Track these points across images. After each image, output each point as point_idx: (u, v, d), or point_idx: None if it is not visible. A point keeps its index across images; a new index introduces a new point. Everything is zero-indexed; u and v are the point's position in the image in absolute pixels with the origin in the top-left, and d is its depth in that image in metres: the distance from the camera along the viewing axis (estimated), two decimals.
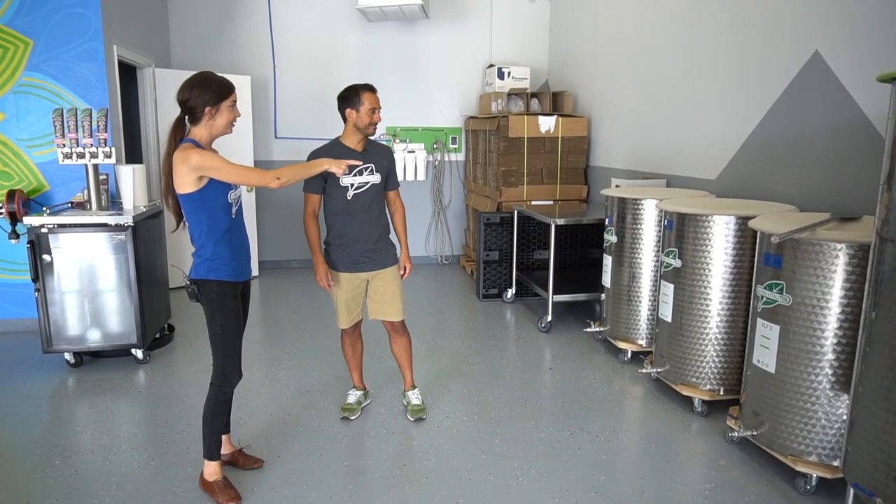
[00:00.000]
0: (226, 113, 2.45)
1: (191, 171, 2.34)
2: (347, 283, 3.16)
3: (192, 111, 2.41)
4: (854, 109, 3.15)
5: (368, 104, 3.04)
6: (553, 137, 5.93)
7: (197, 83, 2.41)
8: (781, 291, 2.68)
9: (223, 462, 2.74)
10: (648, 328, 4.10)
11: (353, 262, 3.13)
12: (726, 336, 3.30)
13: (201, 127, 2.44)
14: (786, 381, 2.70)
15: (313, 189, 3.07)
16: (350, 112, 3.05)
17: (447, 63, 7.00)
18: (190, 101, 2.40)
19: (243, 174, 2.40)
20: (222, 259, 2.46)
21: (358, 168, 3.02)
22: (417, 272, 6.93)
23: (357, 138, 3.10)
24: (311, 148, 3.16)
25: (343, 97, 3.07)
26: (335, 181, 3.03)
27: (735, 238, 3.21)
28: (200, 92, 2.39)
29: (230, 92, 2.46)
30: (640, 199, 4.00)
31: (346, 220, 3.09)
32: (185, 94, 2.40)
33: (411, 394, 3.44)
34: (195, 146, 2.38)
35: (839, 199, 3.26)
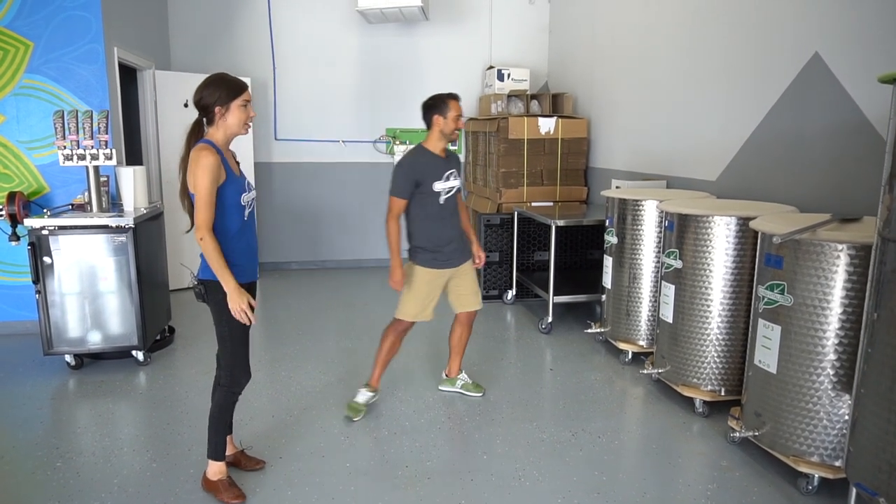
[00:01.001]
0: (236, 112, 2.45)
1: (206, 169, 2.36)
2: (433, 280, 3.34)
3: (205, 111, 2.44)
4: (854, 110, 3.16)
5: (454, 111, 3.23)
6: (553, 139, 5.93)
7: (209, 83, 2.44)
8: (783, 292, 2.68)
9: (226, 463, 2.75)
10: (649, 329, 4.11)
11: (445, 259, 3.33)
12: (727, 337, 3.31)
13: (216, 127, 2.46)
14: (787, 381, 2.70)
15: (402, 194, 3.22)
16: (437, 119, 3.23)
17: (447, 65, 7.01)
18: (202, 101, 2.43)
19: (200, 209, 2.36)
20: (231, 260, 2.45)
21: (446, 174, 3.27)
22: None
23: (441, 145, 3.29)
24: (310, 150, 3.20)
25: (430, 105, 3.26)
26: (429, 187, 3.21)
27: (736, 239, 3.22)
28: (211, 91, 2.41)
29: (241, 91, 2.46)
30: (641, 200, 4.00)
31: (439, 224, 3.28)
32: (198, 94, 2.44)
33: (463, 375, 3.71)
34: (210, 147, 2.39)
35: (840, 200, 3.27)
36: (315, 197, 7.00)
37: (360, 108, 6.93)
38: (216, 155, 2.37)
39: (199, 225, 2.35)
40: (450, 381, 3.73)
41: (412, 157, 3.28)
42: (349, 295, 6.01)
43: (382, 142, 7.03)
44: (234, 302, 2.41)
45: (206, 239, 2.35)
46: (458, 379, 3.71)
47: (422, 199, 3.23)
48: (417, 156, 3.28)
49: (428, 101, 3.29)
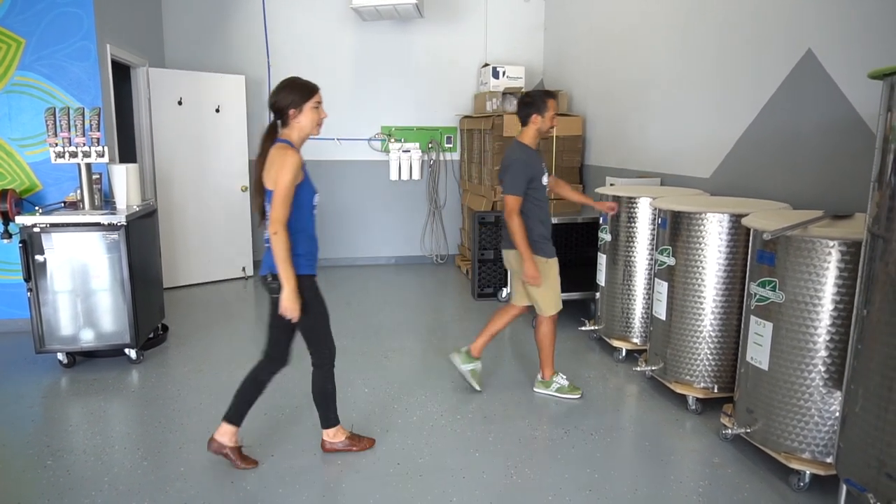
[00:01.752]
0: (309, 113, 2.57)
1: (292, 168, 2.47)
2: (555, 266, 3.47)
3: (280, 113, 2.57)
4: (846, 107, 3.16)
5: (552, 110, 3.34)
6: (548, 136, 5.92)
7: (283, 87, 2.56)
8: (774, 289, 2.68)
9: (224, 454, 2.83)
10: (643, 326, 4.11)
11: (552, 248, 3.47)
12: (720, 334, 3.31)
13: (290, 128, 2.59)
14: (779, 378, 2.71)
15: (520, 192, 3.31)
16: (536, 117, 3.33)
17: (442, 62, 7.00)
18: (277, 104, 2.55)
19: (277, 205, 2.47)
20: (308, 254, 2.63)
21: (543, 168, 3.41)
22: (412, 271, 6.93)
23: (535, 141, 3.40)
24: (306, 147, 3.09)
25: (529, 102, 3.34)
26: (539, 182, 3.34)
27: (728, 236, 3.22)
28: (285, 94, 2.54)
29: (312, 94, 2.58)
30: (635, 198, 4.00)
31: (546, 215, 3.45)
32: (273, 97, 2.57)
33: (559, 377, 3.68)
34: (293, 147, 2.54)
35: (832, 197, 3.27)
36: None
37: (355, 105, 6.92)
38: (299, 155, 2.52)
39: (275, 219, 2.47)
40: (545, 384, 3.69)
41: (522, 155, 3.35)
42: (344, 293, 6.00)
43: (378, 140, 7.02)
44: (287, 298, 2.53)
45: (279, 234, 2.46)
46: (552, 381, 3.67)
47: (533, 193, 3.35)
48: (525, 152, 3.37)
49: (526, 99, 3.37)
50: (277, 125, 2.61)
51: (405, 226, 7.27)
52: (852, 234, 2.47)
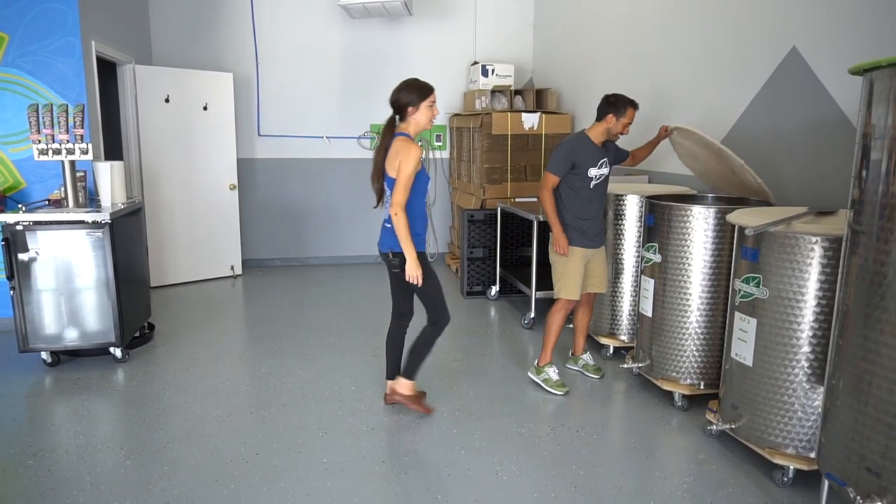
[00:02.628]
0: (425, 111, 2.98)
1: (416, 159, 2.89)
2: (581, 257, 3.59)
3: (400, 110, 2.97)
4: (830, 104, 3.18)
5: (629, 119, 3.49)
6: (537, 134, 5.93)
7: (403, 87, 2.97)
8: (758, 285, 2.69)
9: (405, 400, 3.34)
10: (631, 324, 4.11)
11: (588, 238, 3.58)
12: (706, 330, 3.32)
13: (408, 123, 2.98)
14: (763, 374, 2.71)
15: (557, 172, 3.49)
16: (611, 118, 3.48)
17: (431, 60, 6.98)
18: (398, 101, 2.96)
19: (399, 191, 2.90)
20: (421, 235, 3.07)
21: (600, 162, 3.53)
22: None
23: (602, 138, 3.54)
24: (294, 146, 3.24)
25: (612, 102, 3.48)
26: (584, 170, 3.47)
27: (714, 232, 3.22)
28: (406, 94, 2.94)
29: (428, 93, 2.98)
30: (623, 195, 4.00)
31: (586, 204, 3.54)
32: (395, 96, 2.99)
33: (587, 356, 3.95)
34: (415, 142, 2.96)
35: (817, 194, 3.28)
36: (298, 193, 6.96)
37: (343, 104, 6.89)
38: (421, 150, 2.93)
39: (396, 202, 2.89)
40: (573, 359, 4.00)
41: (574, 141, 3.53)
42: (332, 291, 5.98)
43: (367, 138, 7.00)
44: (412, 268, 2.99)
45: (399, 215, 2.89)
46: (580, 358, 3.95)
47: (574, 180, 3.49)
48: (579, 140, 3.53)
49: (611, 98, 3.49)
50: (395, 120, 3.01)
51: None
52: (835, 230, 2.48)
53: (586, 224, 3.58)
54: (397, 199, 2.88)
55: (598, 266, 3.74)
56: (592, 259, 3.69)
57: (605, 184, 3.63)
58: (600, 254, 3.73)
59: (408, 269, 2.99)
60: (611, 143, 3.67)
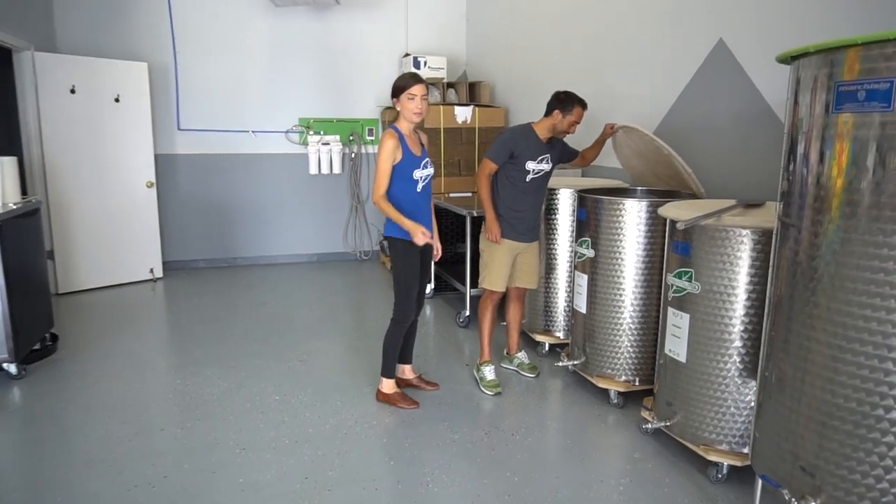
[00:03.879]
0: (404, 103, 3.06)
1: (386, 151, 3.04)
2: (509, 249, 3.53)
3: (395, 101, 3.11)
4: (756, 96, 3.17)
5: (575, 117, 3.41)
6: (470, 128, 5.81)
7: (396, 79, 3.10)
8: (690, 279, 2.63)
9: (407, 384, 3.53)
10: (566, 320, 4.04)
11: (518, 232, 3.51)
12: (640, 326, 3.26)
13: (398, 114, 3.14)
14: (696, 369, 2.66)
15: (497, 160, 3.43)
16: (557, 114, 3.40)
17: (362, 52, 6.75)
18: (391, 94, 3.12)
19: (374, 180, 3.09)
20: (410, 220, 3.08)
21: (540, 157, 3.45)
22: (335, 269, 6.68)
23: (547, 134, 3.45)
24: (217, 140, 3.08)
25: (562, 98, 3.39)
26: (521, 162, 3.40)
27: (646, 226, 3.16)
28: (394, 86, 3.09)
29: (407, 86, 3.04)
30: (555, 189, 3.92)
31: (520, 197, 3.47)
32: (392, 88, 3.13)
33: (521, 354, 3.87)
34: (392, 132, 3.07)
35: (745, 186, 3.27)
36: (224, 190, 6.60)
37: (270, 96, 6.57)
38: (396, 139, 3.03)
39: (374, 195, 3.07)
40: (508, 358, 3.91)
41: (517, 131, 3.50)
42: (260, 294, 5.69)
43: (295, 132, 6.71)
44: (416, 236, 3.04)
45: (378, 203, 3.05)
46: (515, 357, 3.87)
47: (511, 170, 3.43)
48: (523, 131, 3.48)
49: (561, 95, 3.41)
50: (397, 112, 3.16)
51: (326, 221, 6.99)
52: (764, 222, 2.44)
53: (518, 217, 3.49)
54: (374, 189, 3.07)
55: (529, 261, 3.65)
56: (524, 253, 3.60)
57: (543, 180, 3.54)
58: (532, 249, 3.64)
59: (414, 236, 3.04)
60: (558, 141, 3.58)
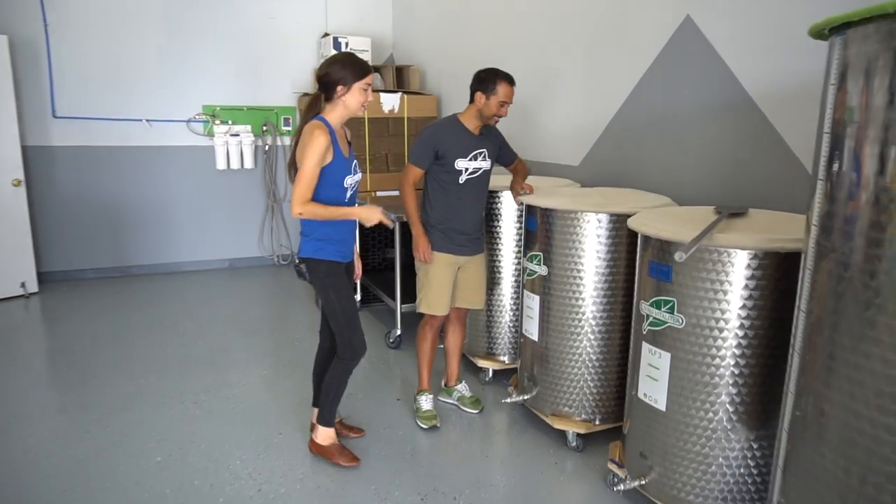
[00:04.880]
0: (357, 93, 2.47)
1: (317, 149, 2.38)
2: (447, 265, 3.00)
3: (328, 88, 2.46)
4: (733, 84, 2.70)
5: (502, 96, 2.85)
6: (398, 118, 5.18)
7: (337, 61, 2.48)
8: (672, 310, 2.13)
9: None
10: (512, 342, 3.51)
11: (457, 244, 3.00)
12: (602, 356, 2.76)
13: (334, 105, 2.49)
14: (678, 419, 2.17)
15: (420, 163, 2.91)
16: (479, 96, 2.87)
17: (275, 32, 5.97)
18: (327, 77, 2.45)
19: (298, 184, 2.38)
20: (330, 239, 2.55)
21: (474, 153, 2.93)
22: (250, 276, 5.92)
23: (476, 123, 2.94)
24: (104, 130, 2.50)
25: (480, 78, 2.88)
26: (450, 162, 2.89)
27: (609, 240, 2.65)
28: (339, 69, 2.45)
29: (365, 74, 2.47)
30: (497, 192, 3.36)
31: (454, 204, 2.96)
32: (325, 69, 2.47)
33: (461, 386, 3.31)
34: (324, 126, 2.42)
35: (718, 189, 2.82)
36: (115, 188, 5.69)
37: (168, 80, 5.69)
38: (328, 136, 2.41)
39: (295, 201, 2.38)
40: (447, 390, 3.34)
41: (439, 126, 2.99)
42: (158, 310, 4.87)
43: (199, 121, 5.87)
44: (371, 217, 2.51)
45: (305, 211, 2.39)
46: (454, 389, 3.31)
47: (440, 173, 2.92)
48: (446, 125, 2.96)
49: (482, 74, 2.90)
50: (321, 99, 2.51)
51: (239, 223, 6.20)
52: (765, 241, 1.95)
53: (455, 227, 2.97)
54: (296, 194, 2.37)
55: (473, 277, 3.11)
56: (466, 268, 3.07)
57: (482, 180, 3.01)
58: (476, 263, 3.11)
59: (363, 216, 2.52)
60: (495, 134, 3.07)
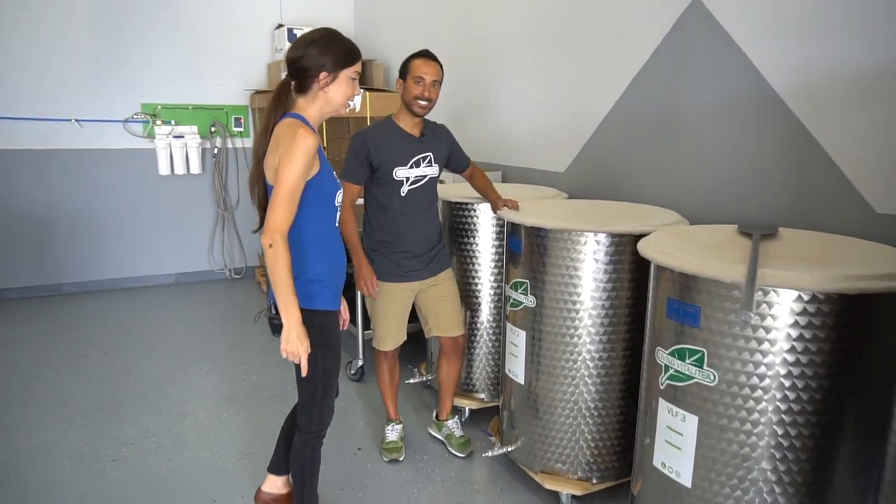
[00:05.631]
0: (344, 85, 1.89)
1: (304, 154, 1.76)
2: (396, 296, 2.58)
3: (303, 75, 1.84)
4: (753, 77, 2.27)
5: (415, 72, 2.44)
6: (360, 118, 4.68)
7: (316, 40, 1.85)
8: (700, 363, 1.67)
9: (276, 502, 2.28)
10: (491, 377, 3.04)
11: (406, 270, 2.56)
12: (601, 404, 2.30)
13: (310, 99, 1.88)
14: (708, 499, 1.72)
15: (354, 178, 2.46)
16: (399, 84, 2.52)
17: (224, 22, 5.41)
18: (303, 61, 1.83)
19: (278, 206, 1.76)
20: (324, 280, 1.95)
21: (416, 158, 2.50)
22: (199, 292, 5.35)
23: (412, 119, 2.51)
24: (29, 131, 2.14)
25: (401, 66, 2.50)
26: (387, 172, 2.47)
27: (611, 265, 2.19)
28: (320, 52, 1.83)
29: (355, 59, 1.90)
30: (471, 204, 2.89)
31: (398, 221, 2.53)
32: (299, 50, 1.84)
33: (452, 423, 2.88)
34: (308, 126, 1.82)
35: (731, 201, 2.38)
36: (40, 197, 5.06)
37: (101, 75, 5.08)
38: (316, 137, 1.81)
39: (272, 227, 1.75)
40: (437, 424, 2.93)
41: (369, 131, 2.51)
42: (88, 336, 4.27)
43: (137, 121, 5.27)
44: (290, 340, 1.82)
45: (277, 246, 1.75)
46: (444, 425, 2.89)
47: (377, 187, 2.51)
48: (378, 129, 2.52)
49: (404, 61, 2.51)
50: (289, 89, 1.90)
51: (186, 234, 5.61)
52: (836, 280, 1.50)
53: (401, 249, 2.54)
54: (274, 219, 1.76)
55: (440, 301, 2.67)
56: (429, 292, 2.65)
57: (428, 190, 2.58)
58: (441, 284, 2.67)
59: (282, 338, 1.83)
60: (444, 136, 2.65)
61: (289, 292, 1.78)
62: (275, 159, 1.80)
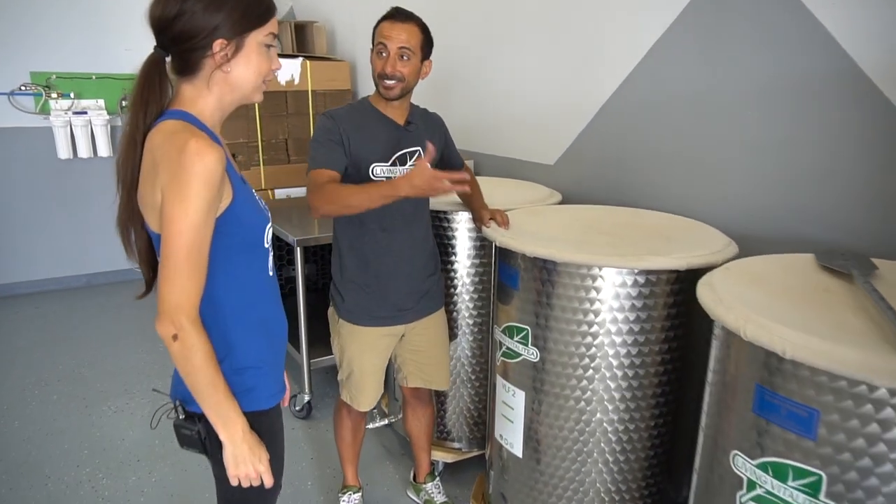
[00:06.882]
0: (254, 57, 1.17)
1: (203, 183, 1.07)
2: (373, 345, 1.96)
3: (184, 47, 1.13)
4: (826, 46, 1.69)
5: (376, 38, 1.79)
6: (300, 91, 3.95)
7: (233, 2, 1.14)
8: (817, 490, 1.12)
9: None
10: (470, 424, 2.47)
11: (389, 308, 1.92)
12: (624, 488, 1.75)
13: (202, 84, 1.17)
14: None
15: (332, 164, 1.73)
16: (373, 57, 1.82)
17: None
18: (180, 23, 1.11)
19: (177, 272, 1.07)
20: (261, 364, 1.27)
21: (400, 153, 1.86)
22: (115, 295, 4.57)
23: (399, 101, 1.83)
24: None
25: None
26: (362, 170, 1.79)
27: (645, 310, 1.61)
28: (206, 6, 1.11)
29: (269, 14, 1.19)
30: (447, 214, 2.26)
31: (379, 240, 1.86)
32: (173, 6, 1.11)
33: (431, 486, 2.34)
34: (202, 132, 1.12)
35: (782, 213, 1.83)
36: None
37: None
38: (218, 150, 1.08)
39: (173, 307, 1.07)
40: (415, 487, 2.40)
41: (339, 112, 1.83)
42: None
43: (27, 94, 4.38)
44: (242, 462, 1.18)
45: (186, 336, 1.08)
46: (422, 488, 2.36)
47: None
48: (350, 112, 1.84)
49: None
50: (164, 72, 1.15)
51: (96, 227, 4.78)
52: None
53: (378, 281, 1.90)
54: (172, 297, 1.08)
55: (430, 348, 2.08)
56: (416, 334, 2.04)
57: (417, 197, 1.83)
58: (432, 326, 2.07)
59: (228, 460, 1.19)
60: (436, 125, 2.02)
61: (221, 396, 1.15)
62: (154, 193, 1.11)
